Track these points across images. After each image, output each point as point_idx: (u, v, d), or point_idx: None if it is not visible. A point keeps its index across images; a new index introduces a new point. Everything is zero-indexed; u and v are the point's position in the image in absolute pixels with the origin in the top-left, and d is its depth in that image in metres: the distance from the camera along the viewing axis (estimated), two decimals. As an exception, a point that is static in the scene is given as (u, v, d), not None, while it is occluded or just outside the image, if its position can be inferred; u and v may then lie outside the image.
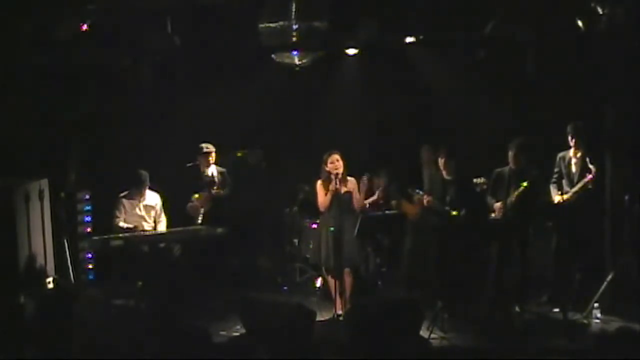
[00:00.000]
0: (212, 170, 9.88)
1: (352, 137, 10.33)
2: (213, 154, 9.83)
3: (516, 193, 8.60)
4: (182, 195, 9.86)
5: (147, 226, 9.49)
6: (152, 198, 9.58)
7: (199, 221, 9.63)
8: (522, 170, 8.68)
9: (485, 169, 9.00)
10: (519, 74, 9.86)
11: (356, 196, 8.79)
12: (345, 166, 8.70)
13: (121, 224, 9.35)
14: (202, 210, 9.66)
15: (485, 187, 8.78)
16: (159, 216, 9.61)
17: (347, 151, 8.84)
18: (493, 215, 8.80)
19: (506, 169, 8.81)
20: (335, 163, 8.67)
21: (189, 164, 9.85)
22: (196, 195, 9.71)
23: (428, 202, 9.09)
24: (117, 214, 9.41)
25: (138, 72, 10.08)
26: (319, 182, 8.83)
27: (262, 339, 7.61)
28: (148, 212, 9.53)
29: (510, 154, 8.72)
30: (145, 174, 9.39)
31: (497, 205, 8.74)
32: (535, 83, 9.84)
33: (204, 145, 9.81)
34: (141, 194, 9.48)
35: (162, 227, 9.57)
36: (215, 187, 9.77)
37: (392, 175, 10.01)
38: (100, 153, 10.16)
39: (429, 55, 10.26)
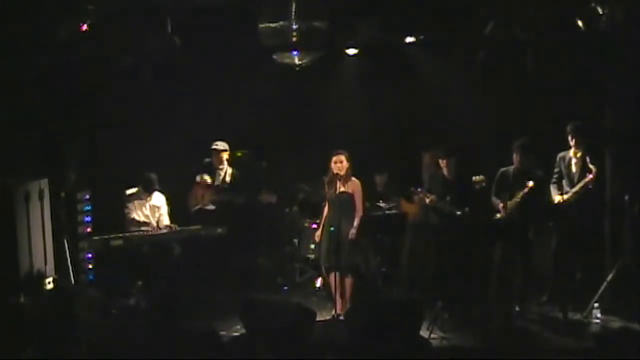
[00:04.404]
0: (225, 170, 9.88)
1: (352, 137, 10.31)
2: (224, 153, 9.84)
3: (521, 193, 8.60)
4: (183, 195, 9.88)
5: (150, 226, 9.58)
6: (158, 199, 9.68)
7: (195, 208, 9.72)
8: (527, 171, 8.67)
9: (485, 168, 8.99)
10: (519, 74, 9.85)
11: (357, 199, 8.77)
12: (350, 167, 8.70)
13: (136, 217, 9.55)
14: (199, 200, 9.71)
15: (484, 184, 8.76)
16: (162, 216, 9.67)
17: (346, 151, 8.83)
18: (498, 215, 8.78)
19: (511, 168, 8.80)
20: (339, 164, 8.67)
21: (207, 159, 9.92)
22: (205, 177, 9.74)
23: (431, 200, 9.08)
24: (130, 207, 9.62)
25: (138, 72, 10.06)
26: (326, 179, 8.85)
27: (262, 339, 7.61)
28: (153, 212, 9.65)
29: (515, 154, 8.71)
30: (154, 177, 9.59)
31: (501, 205, 8.73)
32: (535, 83, 9.83)
33: (216, 142, 9.85)
34: (149, 195, 9.62)
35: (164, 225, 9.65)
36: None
37: (392, 174, 10.00)
38: (100, 153, 10.15)
39: (429, 55, 10.26)
